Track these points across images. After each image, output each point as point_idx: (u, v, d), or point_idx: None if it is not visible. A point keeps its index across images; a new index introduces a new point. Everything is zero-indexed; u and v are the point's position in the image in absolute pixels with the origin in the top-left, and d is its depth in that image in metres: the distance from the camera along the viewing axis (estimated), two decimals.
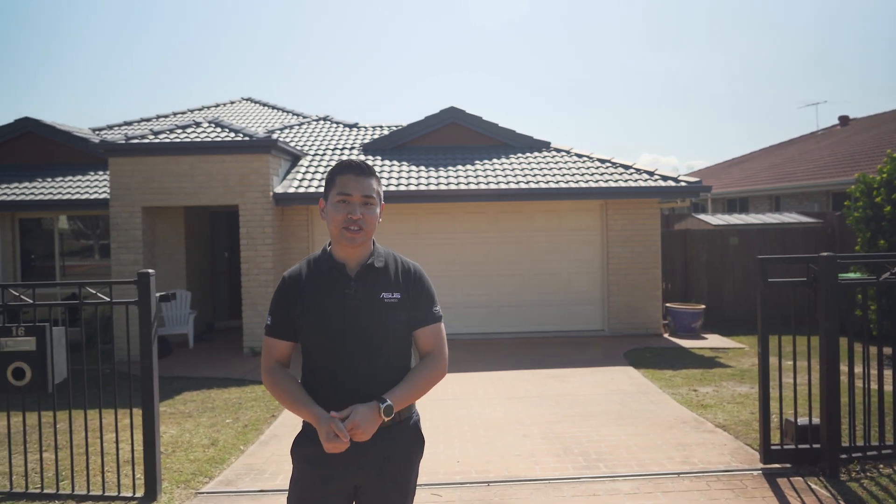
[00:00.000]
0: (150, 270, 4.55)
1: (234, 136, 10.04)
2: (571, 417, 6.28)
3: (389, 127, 13.79)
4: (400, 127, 12.84)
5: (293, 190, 10.30)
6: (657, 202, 11.04)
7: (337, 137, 13.39)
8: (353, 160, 2.35)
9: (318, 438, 2.26)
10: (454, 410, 6.61)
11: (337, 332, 2.24)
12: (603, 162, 11.49)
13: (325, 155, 12.18)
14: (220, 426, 6.35)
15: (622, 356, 9.20)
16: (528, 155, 11.90)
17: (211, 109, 15.75)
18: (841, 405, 4.76)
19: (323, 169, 11.33)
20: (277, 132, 13.30)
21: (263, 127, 14.18)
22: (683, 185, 10.55)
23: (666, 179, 10.70)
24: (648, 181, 10.62)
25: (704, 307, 11.13)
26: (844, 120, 23.16)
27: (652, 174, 10.88)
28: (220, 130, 10.28)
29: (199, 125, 10.57)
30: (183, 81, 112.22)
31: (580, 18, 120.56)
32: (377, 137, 12.64)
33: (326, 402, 2.24)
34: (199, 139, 9.91)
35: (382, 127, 13.93)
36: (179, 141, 9.87)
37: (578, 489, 4.53)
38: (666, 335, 10.84)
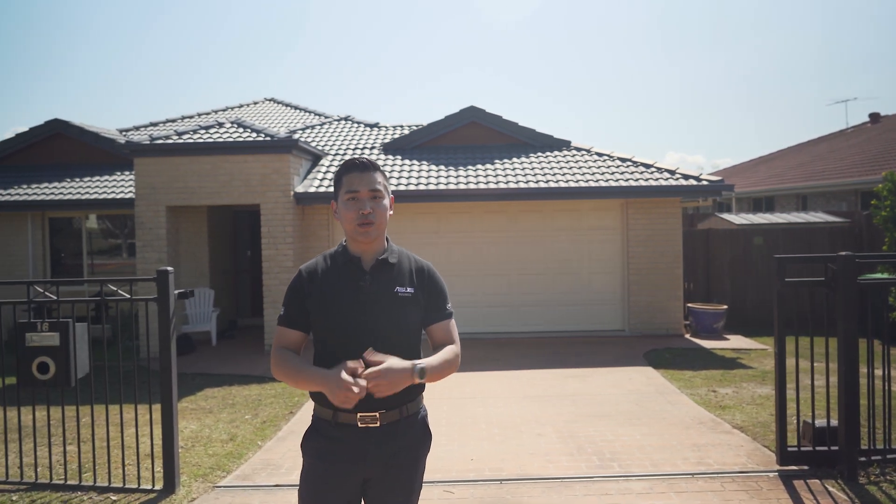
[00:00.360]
0: (168, 268, 4.65)
1: (255, 136, 10.18)
2: (587, 417, 6.27)
3: (410, 126, 13.85)
4: (420, 126, 12.89)
5: (314, 189, 10.41)
6: (678, 201, 10.94)
7: (358, 137, 13.49)
8: (356, 158, 2.41)
9: (327, 432, 2.32)
10: (470, 409, 6.63)
11: (351, 323, 2.29)
12: (623, 161, 11.42)
13: (345, 154, 12.28)
14: (239, 422, 6.46)
15: (641, 356, 9.14)
16: (548, 154, 11.87)
17: (234, 110, 15.96)
18: (860, 407, 4.69)
19: None
20: (299, 132, 13.44)
21: (286, 127, 14.33)
22: (705, 184, 10.44)
23: (687, 178, 10.60)
24: (669, 180, 10.54)
25: (727, 308, 11.00)
26: (875, 117, 22.70)
27: (673, 173, 10.78)
28: (242, 131, 10.42)
29: (221, 125, 10.73)
30: (209, 82, 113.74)
31: (603, 15, 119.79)
32: (397, 137, 12.71)
33: None
34: (221, 139, 10.06)
35: (403, 126, 14.00)
36: (202, 141, 10.03)
37: (591, 488, 4.53)
38: (687, 336, 10.74)
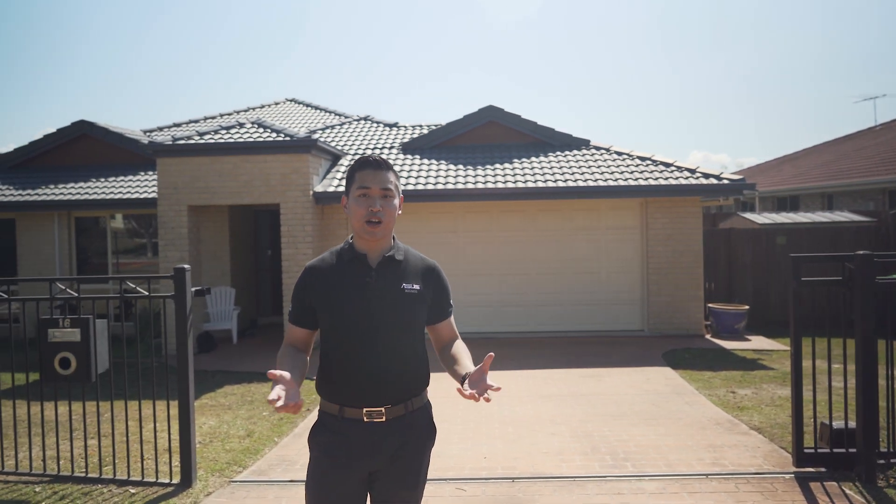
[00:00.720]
0: (185, 265, 4.73)
1: (275, 136, 10.29)
2: (602, 417, 6.24)
3: (428, 126, 13.88)
4: (439, 126, 12.92)
5: (333, 189, 10.49)
6: (699, 200, 10.83)
7: (377, 137, 13.56)
8: (369, 156, 2.43)
9: (333, 427, 2.35)
10: (485, 407, 6.62)
11: (356, 319, 2.32)
12: (643, 159, 11.33)
13: (364, 154, 12.32)
14: (256, 418, 6.54)
15: (660, 357, 9.07)
16: (566, 153, 11.83)
17: (256, 110, 16.14)
18: (879, 409, 4.62)
19: None
20: (319, 132, 13.55)
21: (306, 127, 14.45)
22: (725, 182, 10.32)
23: (707, 177, 10.49)
24: (689, 179, 10.44)
25: (748, 308, 10.87)
26: None
27: (693, 172, 10.68)
28: (262, 131, 10.54)
29: (242, 126, 10.86)
30: (231, 83, 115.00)
31: (626, 12, 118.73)
32: (416, 136, 12.75)
33: (341, 387, 2.33)
34: (241, 140, 10.19)
35: (422, 126, 14.04)
36: (223, 141, 10.16)
37: (603, 487, 4.51)
38: (708, 336, 10.63)
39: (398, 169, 11.40)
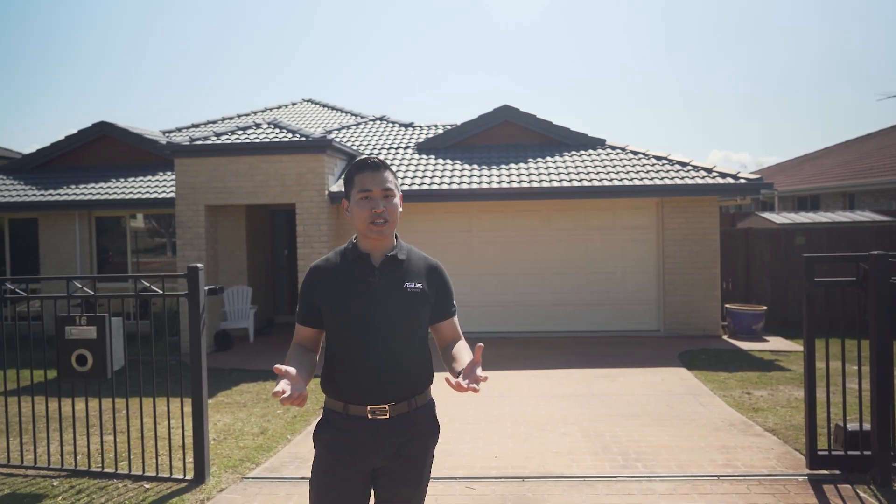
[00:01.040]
0: (199, 265, 4.79)
1: (291, 136, 10.36)
2: (614, 417, 6.21)
3: (444, 126, 13.90)
4: (454, 126, 12.92)
5: None
6: (715, 200, 10.74)
7: (392, 137, 13.60)
8: (366, 158, 2.46)
9: (338, 424, 2.38)
10: (497, 407, 6.63)
11: (360, 318, 2.34)
12: (659, 159, 11.25)
13: (380, 154, 12.39)
14: (270, 416, 6.60)
15: (676, 357, 9.00)
16: (581, 153, 11.78)
17: (273, 111, 16.26)
18: (895, 411, 4.55)
19: None
20: (335, 132, 13.62)
21: (322, 127, 14.53)
22: (742, 182, 10.22)
23: (724, 177, 10.40)
24: (706, 178, 10.35)
25: (766, 309, 10.75)
26: None
27: (710, 171, 10.58)
28: (278, 131, 10.62)
29: (258, 126, 10.95)
30: (249, 83, 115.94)
31: (644, 11, 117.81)
32: (431, 136, 12.77)
33: (345, 385, 2.36)
34: (258, 140, 10.27)
35: (437, 126, 14.06)
36: (240, 142, 10.26)
37: (613, 487, 4.50)
38: (724, 337, 10.53)
39: (414, 169, 11.43)
